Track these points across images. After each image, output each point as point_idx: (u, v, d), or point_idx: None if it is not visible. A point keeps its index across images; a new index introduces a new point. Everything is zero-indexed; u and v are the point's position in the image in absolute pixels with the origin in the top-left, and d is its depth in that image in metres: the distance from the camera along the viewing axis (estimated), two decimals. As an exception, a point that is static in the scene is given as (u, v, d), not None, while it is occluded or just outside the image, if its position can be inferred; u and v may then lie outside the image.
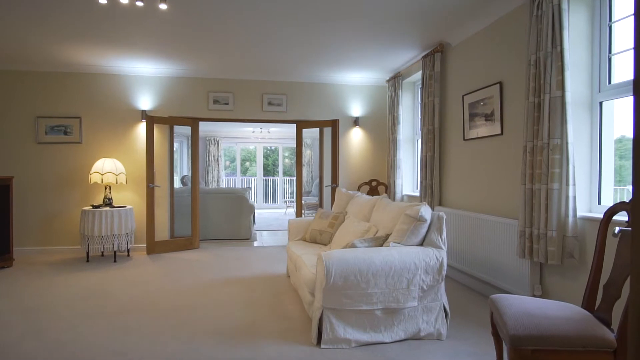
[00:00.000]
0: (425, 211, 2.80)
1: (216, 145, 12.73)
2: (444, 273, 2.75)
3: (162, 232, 5.89)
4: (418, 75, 5.47)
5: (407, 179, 5.97)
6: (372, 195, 5.47)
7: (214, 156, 12.70)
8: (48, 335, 2.84)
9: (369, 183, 6.16)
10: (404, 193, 5.83)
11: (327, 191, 6.30)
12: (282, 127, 11.33)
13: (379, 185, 6.15)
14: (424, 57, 4.90)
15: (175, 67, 5.69)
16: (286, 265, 4.53)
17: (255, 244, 6.56)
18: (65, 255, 5.51)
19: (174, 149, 11.59)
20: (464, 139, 4.26)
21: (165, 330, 2.94)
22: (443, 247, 2.80)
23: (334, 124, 5.99)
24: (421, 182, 4.92)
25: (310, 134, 11.78)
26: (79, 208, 5.56)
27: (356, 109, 6.38)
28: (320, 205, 6.47)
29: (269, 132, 12.04)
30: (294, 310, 3.36)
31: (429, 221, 2.83)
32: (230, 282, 4.22)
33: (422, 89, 4.95)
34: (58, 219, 5.61)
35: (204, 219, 6.59)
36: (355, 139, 6.38)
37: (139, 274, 4.56)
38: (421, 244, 2.87)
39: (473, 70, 4.13)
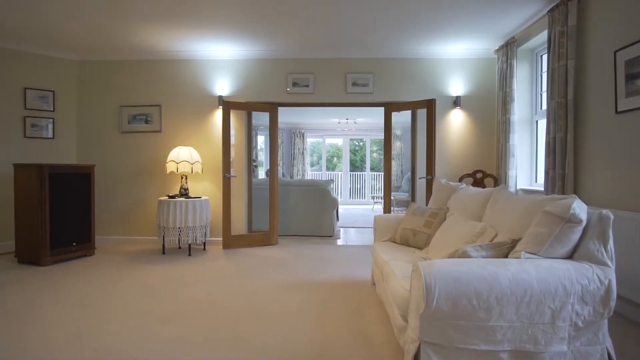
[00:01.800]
0: (580, 207, 1.85)
1: (301, 138, 12.39)
2: (612, 304, 1.79)
3: (239, 225, 5.52)
4: (541, 37, 4.32)
5: (524, 170, 4.83)
6: (478, 189, 4.46)
7: (299, 149, 12.38)
8: (93, 338, 2.46)
9: (472, 175, 5.13)
10: (519, 187, 4.71)
11: (420, 184, 5.40)
12: (370, 117, 10.56)
13: (485, 177, 5.08)
14: (551, 11, 3.78)
15: (252, 48, 5.25)
16: (371, 269, 3.79)
17: (338, 242, 5.92)
18: (145, 245, 5.40)
19: (258, 142, 11.52)
20: (617, 112, 3.10)
21: (216, 345, 2.39)
22: (610, 263, 1.83)
23: (430, 105, 5.06)
24: (547, 172, 3.82)
25: (401, 124, 10.82)
26: (157, 198, 5.42)
27: (456, 86, 5.37)
28: (413, 200, 5.59)
29: (355, 122, 11.33)
30: (379, 332, 2.61)
31: (584, 223, 1.88)
32: (305, 286, 3.60)
33: (548, 53, 3.84)
34: (138, 209, 5.53)
35: (283, 212, 6.12)
36: (455, 123, 5.37)
37: (210, 271, 4.17)
38: (570, 256, 1.93)
39: (633, 14, 2.96)
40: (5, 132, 4.99)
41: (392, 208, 5.69)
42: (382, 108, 5.58)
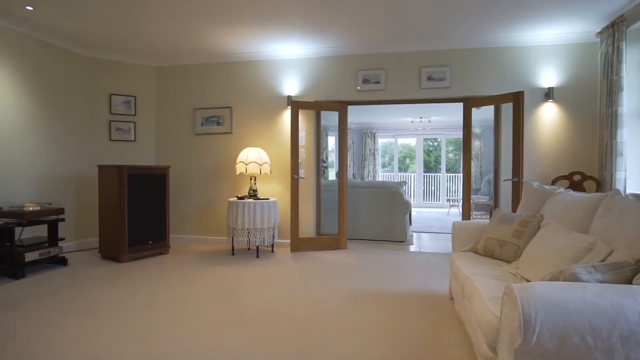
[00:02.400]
0: None
1: (372, 138, 12.06)
2: None
3: (307, 227, 5.39)
4: (660, 13, 3.63)
5: (635, 171, 4.11)
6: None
7: (370, 150, 12.07)
8: (154, 342, 2.42)
9: (568, 177, 4.49)
10: (628, 191, 4.01)
11: (504, 187, 4.85)
12: (445, 115, 9.93)
13: (585, 179, 4.41)
14: (676, -21, 3.13)
15: (320, 45, 5.08)
16: (449, 281, 3.42)
17: (411, 248, 5.55)
18: (215, 245, 5.48)
19: (329, 143, 11.40)
20: None
21: (277, 358, 2.23)
22: None
23: (517, 98, 4.51)
24: (670, 174, 3.16)
25: (480, 121, 10.05)
26: (228, 198, 5.47)
27: (548, 77, 4.74)
28: (496, 205, 5.05)
29: (429, 121, 10.74)
30: (459, 357, 2.26)
31: None
32: (375, 297, 3.33)
33: (671, 29, 3.19)
34: (210, 209, 5.63)
35: (353, 215, 5.89)
36: (547, 118, 4.74)
37: (276, 275, 4.06)
38: None
39: None
40: (94, 136, 5.35)
41: (471, 212, 5.19)
42: (461, 104, 5.12)
